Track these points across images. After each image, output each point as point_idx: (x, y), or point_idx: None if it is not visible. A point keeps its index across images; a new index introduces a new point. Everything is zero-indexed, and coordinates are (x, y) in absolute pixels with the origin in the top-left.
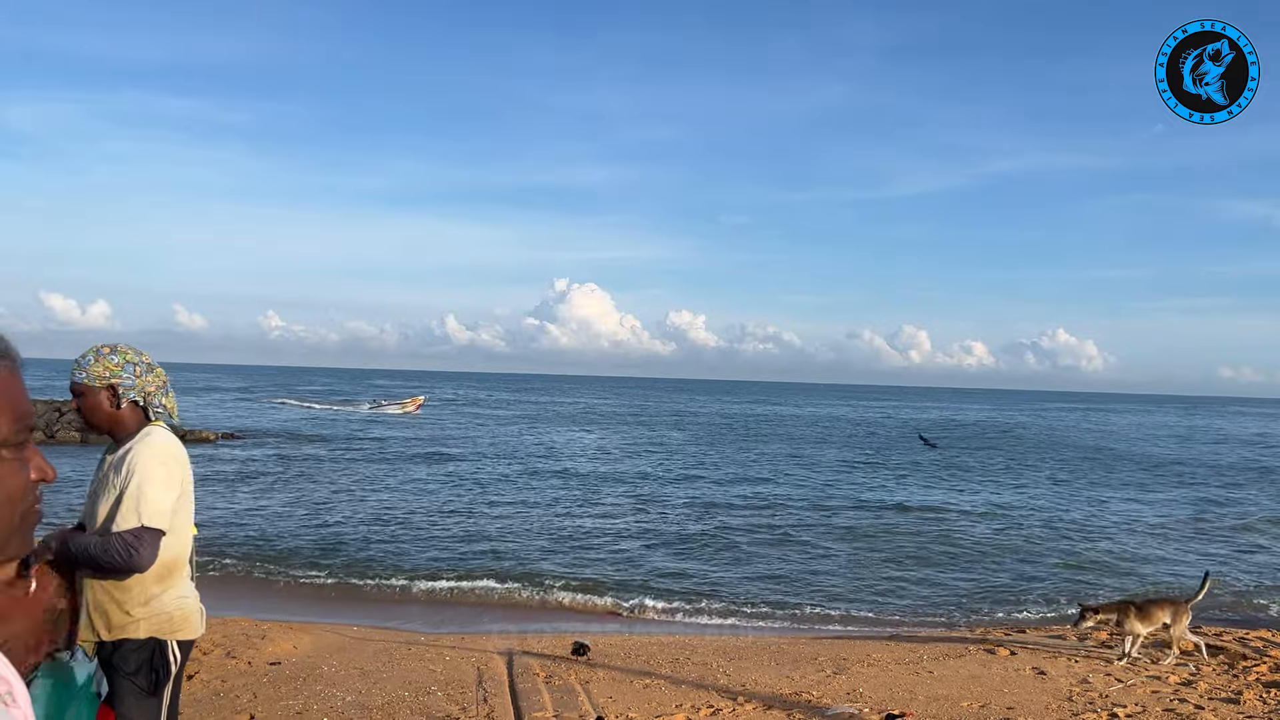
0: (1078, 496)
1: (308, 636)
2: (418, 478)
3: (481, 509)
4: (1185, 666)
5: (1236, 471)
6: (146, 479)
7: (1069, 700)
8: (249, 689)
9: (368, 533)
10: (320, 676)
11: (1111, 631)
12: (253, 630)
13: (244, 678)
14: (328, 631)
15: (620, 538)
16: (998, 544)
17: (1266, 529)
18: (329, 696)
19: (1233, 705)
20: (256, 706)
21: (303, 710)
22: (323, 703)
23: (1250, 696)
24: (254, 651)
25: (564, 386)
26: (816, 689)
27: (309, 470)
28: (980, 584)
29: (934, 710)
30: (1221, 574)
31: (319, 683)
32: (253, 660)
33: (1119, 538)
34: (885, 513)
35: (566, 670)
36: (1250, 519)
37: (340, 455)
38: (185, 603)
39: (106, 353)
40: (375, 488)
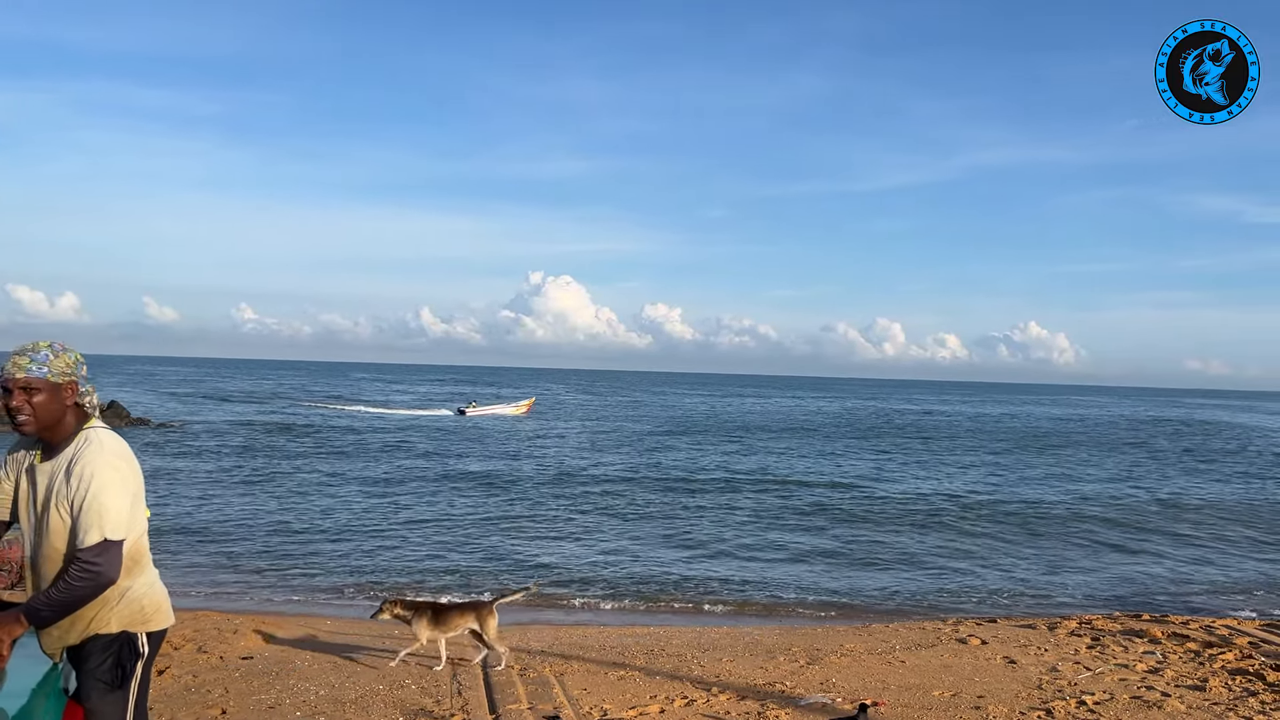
0: (1048, 485)
1: (280, 631)
2: (386, 474)
3: (451, 503)
4: (1153, 655)
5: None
6: (102, 487)
7: (1038, 688)
8: (221, 683)
9: (341, 526)
10: (293, 671)
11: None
12: (224, 624)
13: (216, 672)
14: (301, 625)
15: (591, 531)
16: (967, 533)
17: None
18: (302, 690)
19: (1198, 692)
20: (228, 701)
21: (275, 704)
22: (295, 697)
23: (1216, 684)
24: (226, 646)
25: (539, 379)
26: (790, 679)
27: (278, 465)
28: (952, 574)
29: (906, 699)
30: (1184, 571)
31: (292, 677)
32: (225, 655)
33: (1077, 524)
34: (861, 501)
35: (541, 663)
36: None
37: (313, 451)
38: (155, 591)
39: (60, 349)
40: (344, 483)
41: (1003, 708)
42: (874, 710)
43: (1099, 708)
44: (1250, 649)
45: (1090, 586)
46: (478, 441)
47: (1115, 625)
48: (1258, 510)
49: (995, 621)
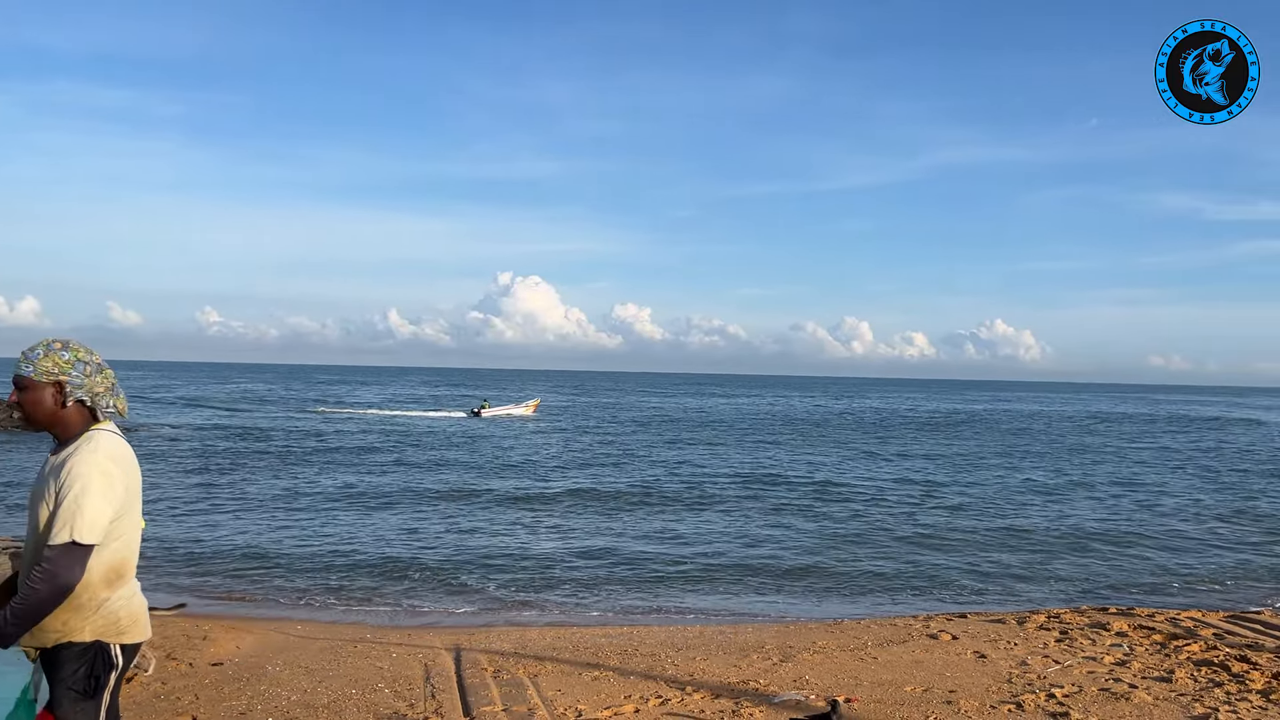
0: (1014, 479)
1: (251, 636)
2: (353, 477)
3: (423, 504)
4: (1120, 647)
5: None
6: (85, 489)
7: (1009, 682)
8: (190, 690)
9: (309, 531)
10: (264, 676)
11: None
12: (193, 631)
13: (185, 679)
14: (272, 630)
15: (563, 529)
16: (936, 528)
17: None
18: (273, 696)
19: (1165, 684)
20: (199, 708)
21: (246, 710)
22: (267, 702)
23: (1182, 675)
24: (195, 652)
25: (509, 380)
26: (764, 677)
27: (244, 466)
28: (923, 570)
29: (879, 695)
30: (1148, 557)
31: (263, 682)
32: (194, 661)
33: (1053, 519)
34: (832, 497)
35: (515, 664)
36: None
37: (278, 451)
38: (133, 604)
39: (58, 348)
40: (309, 487)
41: (974, 702)
42: (846, 706)
43: (1068, 700)
44: (1215, 640)
45: (1058, 580)
46: (471, 443)
47: (1083, 619)
48: (1221, 503)
49: (965, 617)
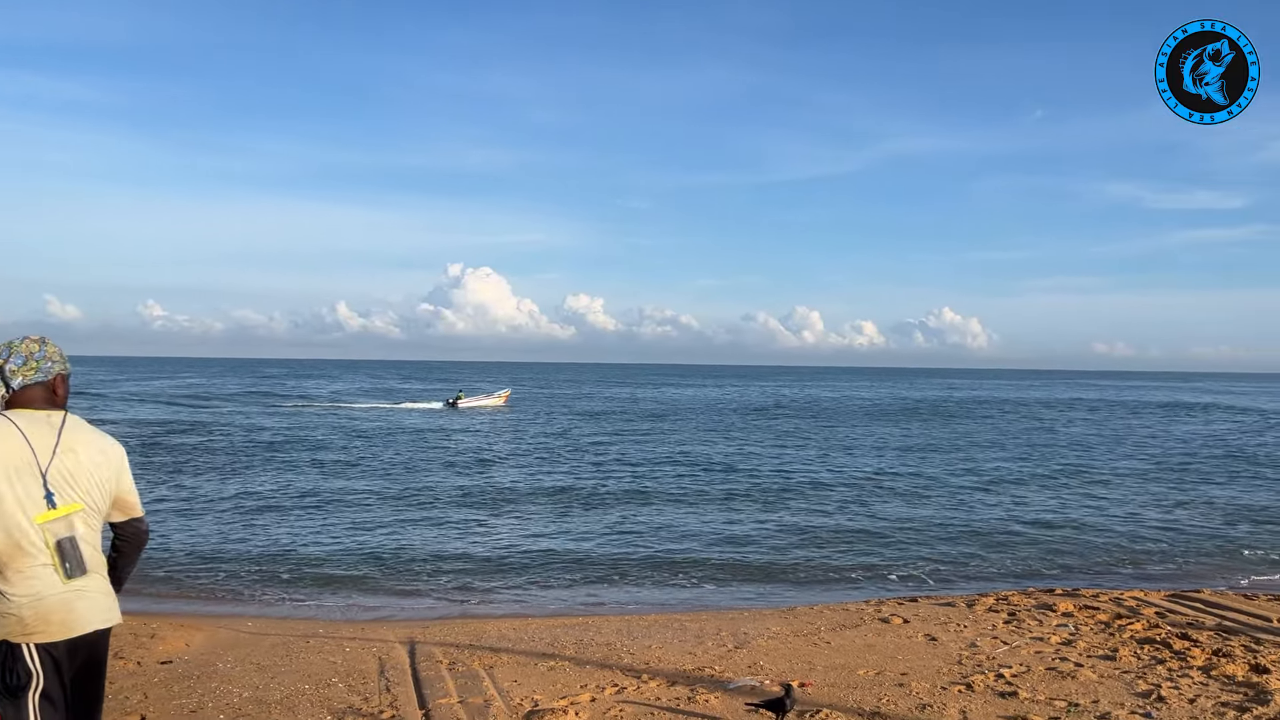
0: (961, 464)
1: (200, 634)
2: (304, 472)
3: (376, 500)
4: (1065, 628)
5: None
6: None
7: (959, 664)
8: (139, 689)
9: (259, 527)
10: (215, 673)
11: None
12: (141, 629)
13: (133, 678)
14: (222, 627)
15: (518, 524)
16: (886, 513)
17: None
18: (225, 693)
19: (1109, 662)
20: (148, 707)
21: (197, 709)
22: (218, 700)
23: (1125, 653)
24: (143, 651)
25: (462, 373)
26: (719, 663)
27: (182, 461)
28: (874, 554)
29: (832, 679)
30: (1087, 538)
31: (214, 680)
32: (142, 660)
33: (1004, 507)
34: (783, 483)
35: (470, 656)
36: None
37: (228, 446)
38: (43, 603)
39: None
40: (259, 483)
41: (925, 684)
42: (800, 691)
43: (1016, 680)
44: (1157, 619)
45: (1006, 564)
46: (434, 436)
47: (1030, 601)
48: (1164, 486)
49: (916, 601)
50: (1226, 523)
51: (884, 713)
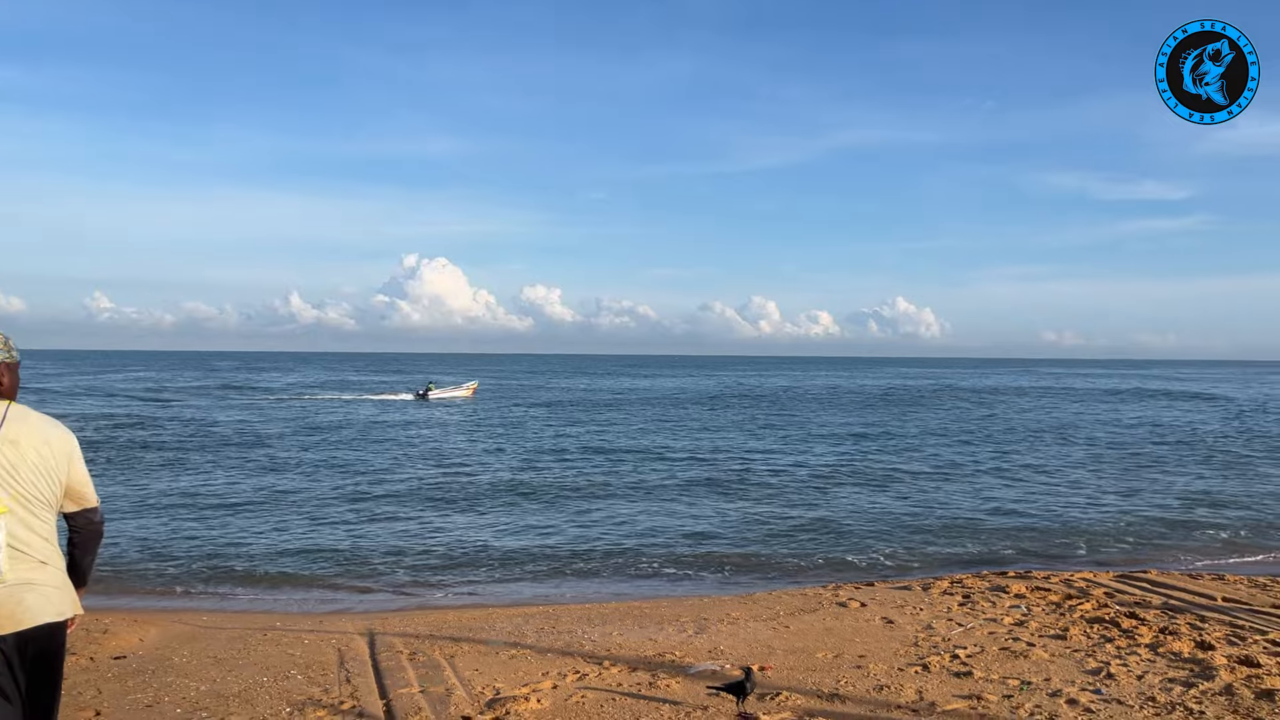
0: (912, 451)
1: (154, 628)
2: (255, 464)
3: (334, 492)
4: (1018, 609)
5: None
6: None
7: (915, 646)
8: (93, 685)
9: (214, 520)
10: (171, 668)
11: None
12: (92, 624)
13: (86, 674)
14: (176, 621)
15: (477, 516)
16: (847, 500)
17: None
18: (181, 688)
19: (1060, 641)
20: (102, 702)
21: (154, 703)
22: (175, 694)
23: (1076, 633)
24: (96, 646)
25: (417, 365)
26: (680, 649)
27: (134, 456)
28: (833, 540)
29: (792, 662)
30: (1039, 520)
31: (170, 674)
32: (95, 655)
33: (964, 494)
34: (741, 471)
35: (430, 646)
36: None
37: (165, 441)
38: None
39: None
40: (208, 474)
41: (883, 665)
42: (761, 674)
43: (971, 660)
44: (1106, 599)
45: (961, 547)
46: (399, 429)
47: (984, 583)
48: (1112, 470)
49: (873, 585)
50: (1174, 506)
51: (843, 694)
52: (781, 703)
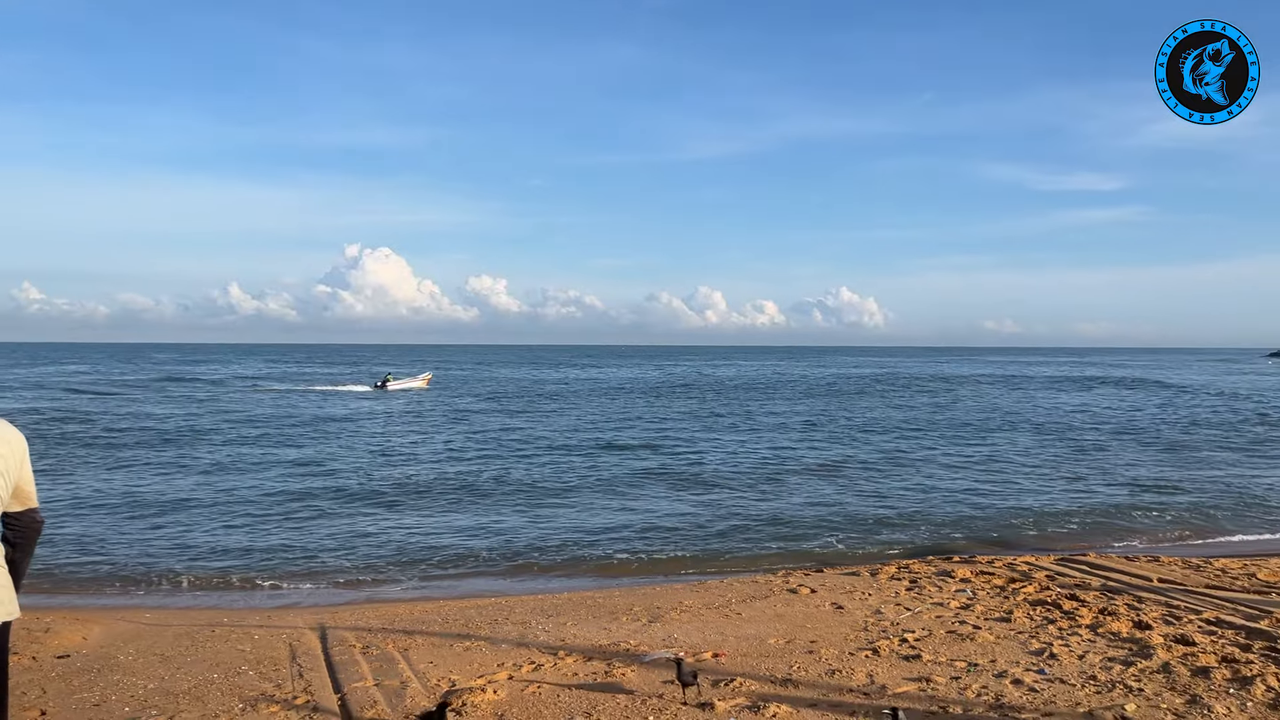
0: (859, 440)
1: (98, 626)
2: (194, 458)
3: (275, 485)
4: (964, 593)
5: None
6: None
7: (865, 630)
8: (37, 684)
9: (153, 517)
10: (117, 666)
11: None
12: (34, 623)
13: (30, 674)
14: (119, 619)
15: (428, 505)
16: (794, 488)
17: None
18: (128, 686)
19: (1005, 623)
20: (47, 702)
21: (100, 702)
22: (122, 693)
23: (1020, 615)
24: (38, 646)
25: (361, 356)
26: (634, 638)
27: (71, 452)
28: (782, 528)
29: (745, 649)
30: (982, 505)
31: (116, 672)
32: (38, 655)
33: (905, 480)
34: (688, 462)
35: (384, 640)
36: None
37: (94, 436)
38: None
39: None
40: (141, 470)
41: (833, 650)
42: (715, 661)
43: (919, 644)
44: (1048, 581)
45: (907, 533)
46: (348, 423)
47: (930, 568)
48: (1054, 456)
49: (822, 571)
50: (1116, 491)
51: (795, 679)
52: (735, 689)
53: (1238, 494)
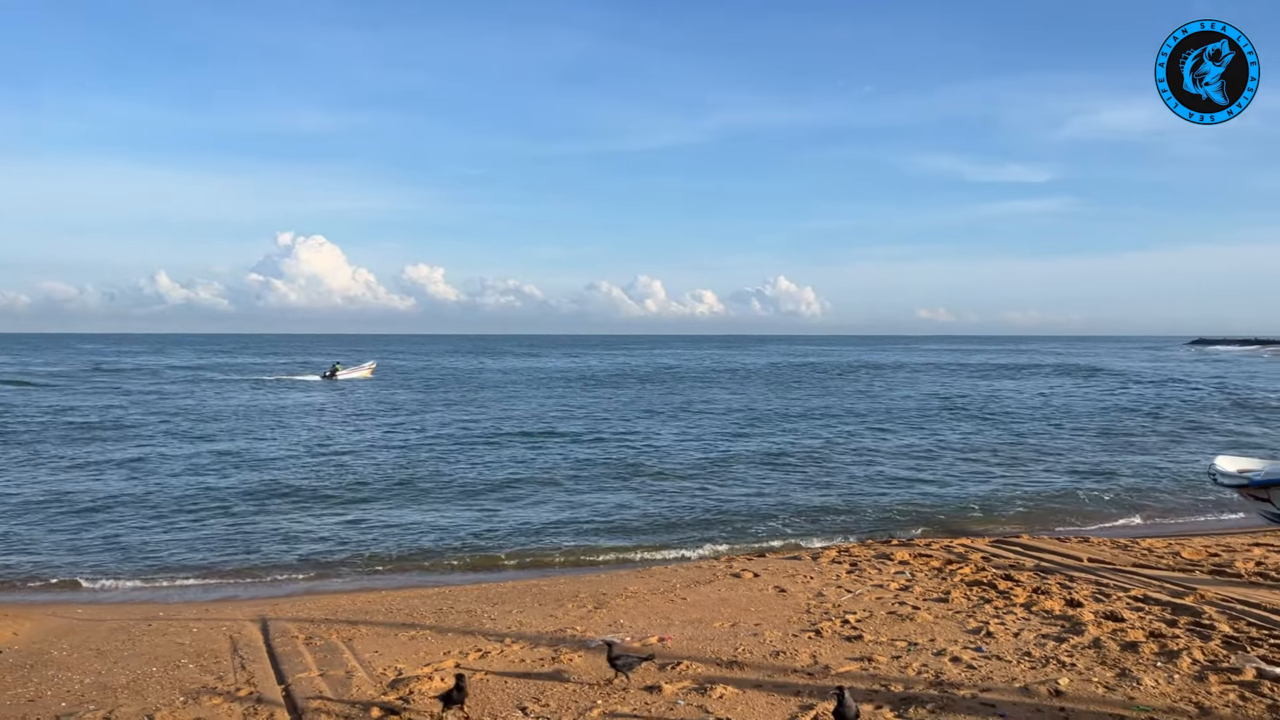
0: (796, 429)
1: (28, 623)
2: (119, 451)
3: (210, 478)
4: (903, 574)
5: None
6: None
7: (807, 612)
8: None
9: (96, 507)
10: (50, 661)
11: None
12: None
13: None
14: (51, 615)
15: (369, 497)
16: (734, 476)
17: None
18: (64, 681)
19: (943, 604)
20: None
21: (35, 698)
22: (57, 688)
23: (957, 595)
24: None
25: (295, 346)
26: (580, 624)
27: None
28: (724, 514)
29: (690, 633)
30: (931, 492)
31: (50, 668)
32: None
33: (853, 468)
34: (631, 451)
35: (327, 630)
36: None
37: (15, 430)
38: None
39: None
40: (67, 464)
41: (777, 632)
42: (661, 645)
43: (860, 624)
44: (983, 563)
45: (847, 517)
46: (293, 413)
47: (870, 551)
48: (989, 441)
49: (765, 556)
50: (1048, 474)
51: (740, 661)
52: (682, 671)
53: (1165, 477)
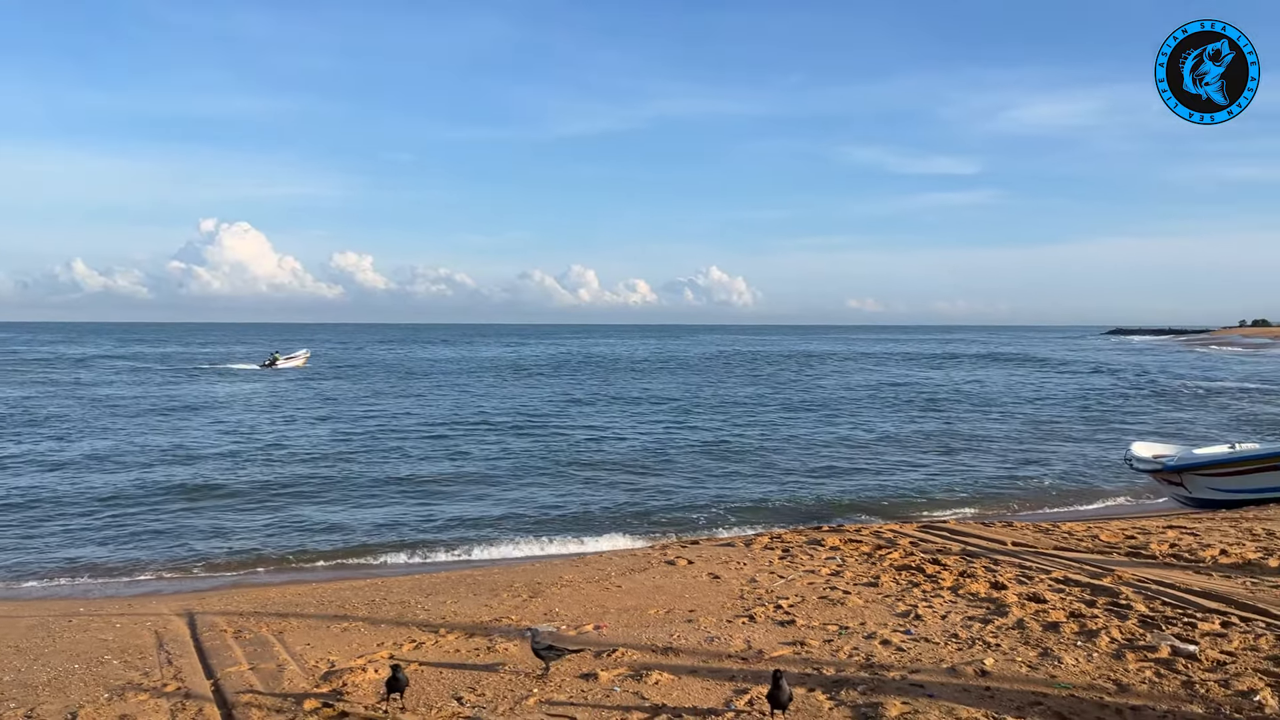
0: (727, 420)
1: None
2: (36, 444)
3: (149, 470)
4: (834, 560)
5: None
6: None
7: (741, 598)
8: None
9: (20, 502)
10: None
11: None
12: None
13: None
14: None
15: (299, 489)
16: (652, 466)
17: None
18: None
19: (873, 588)
20: None
21: None
22: None
23: (886, 579)
24: None
25: (220, 335)
26: (515, 613)
27: None
28: (656, 502)
29: (626, 620)
30: (868, 486)
31: None
32: None
33: (774, 452)
34: (565, 440)
35: (257, 623)
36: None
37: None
38: None
39: None
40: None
41: (712, 618)
42: (596, 633)
43: (793, 609)
44: (912, 548)
45: (777, 504)
46: (222, 403)
47: (801, 537)
48: (916, 428)
49: (698, 543)
50: (978, 461)
51: (676, 647)
52: (618, 659)
53: (1085, 463)
